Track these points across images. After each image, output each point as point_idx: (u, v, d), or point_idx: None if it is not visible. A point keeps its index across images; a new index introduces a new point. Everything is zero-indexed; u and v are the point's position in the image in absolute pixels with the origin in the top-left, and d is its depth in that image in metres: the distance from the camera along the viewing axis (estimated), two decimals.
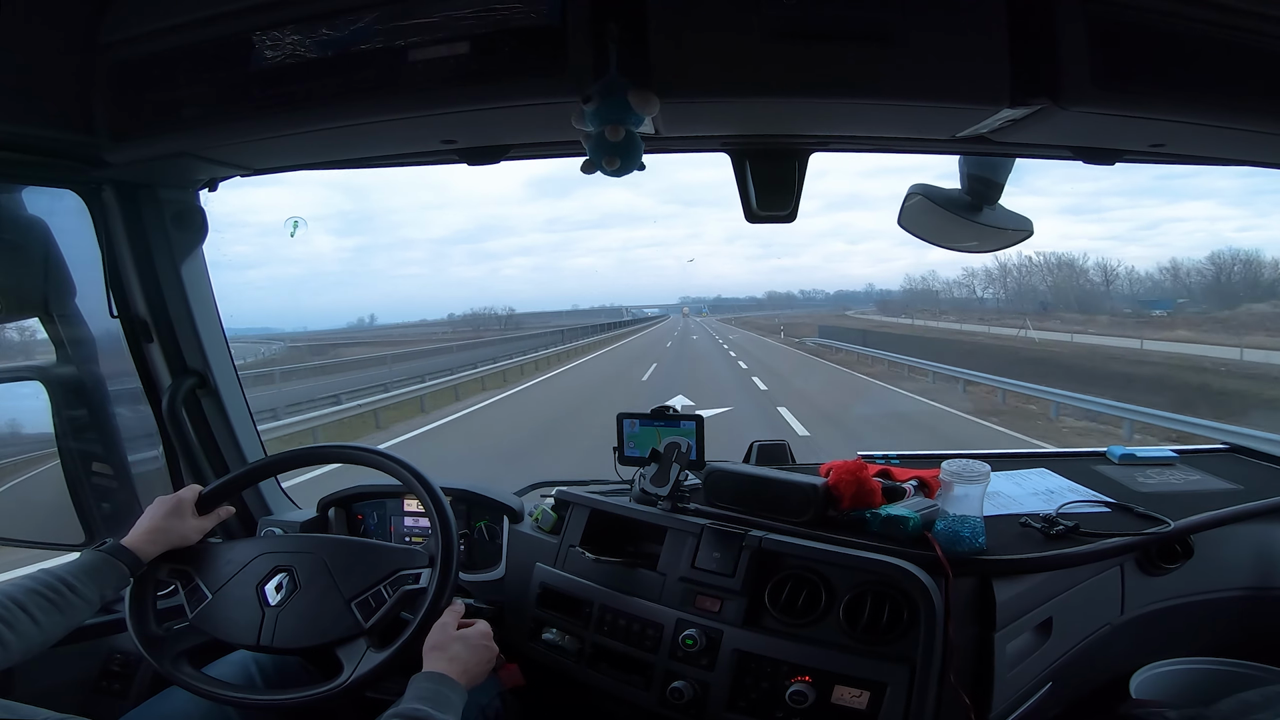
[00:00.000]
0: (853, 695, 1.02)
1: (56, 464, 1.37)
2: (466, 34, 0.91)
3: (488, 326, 68.05)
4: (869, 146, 1.25)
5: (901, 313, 53.32)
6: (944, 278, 75.94)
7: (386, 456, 1.13)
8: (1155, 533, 1.17)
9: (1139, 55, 0.89)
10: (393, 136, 1.12)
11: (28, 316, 1.30)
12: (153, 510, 1.10)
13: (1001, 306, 48.81)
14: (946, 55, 0.88)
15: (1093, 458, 1.58)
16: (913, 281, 69.07)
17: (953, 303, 58.26)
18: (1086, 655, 1.19)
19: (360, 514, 1.56)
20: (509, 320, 77.48)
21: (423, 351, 19.23)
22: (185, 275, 1.39)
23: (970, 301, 57.04)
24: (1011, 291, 53.17)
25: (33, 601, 0.92)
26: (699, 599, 1.17)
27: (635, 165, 0.92)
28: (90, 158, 1.12)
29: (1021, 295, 50.22)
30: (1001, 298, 53.37)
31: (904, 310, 56.68)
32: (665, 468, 1.28)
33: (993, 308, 48.69)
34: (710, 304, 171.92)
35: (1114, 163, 1.16)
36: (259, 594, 1.07)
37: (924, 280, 64.34)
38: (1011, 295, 52.31)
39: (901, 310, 56.97)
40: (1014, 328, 30.42)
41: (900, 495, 1.23)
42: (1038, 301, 43.56)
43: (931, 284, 65.95)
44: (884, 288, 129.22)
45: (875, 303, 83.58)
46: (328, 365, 17.20)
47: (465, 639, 1.00)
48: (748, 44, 0.88)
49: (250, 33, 0.98)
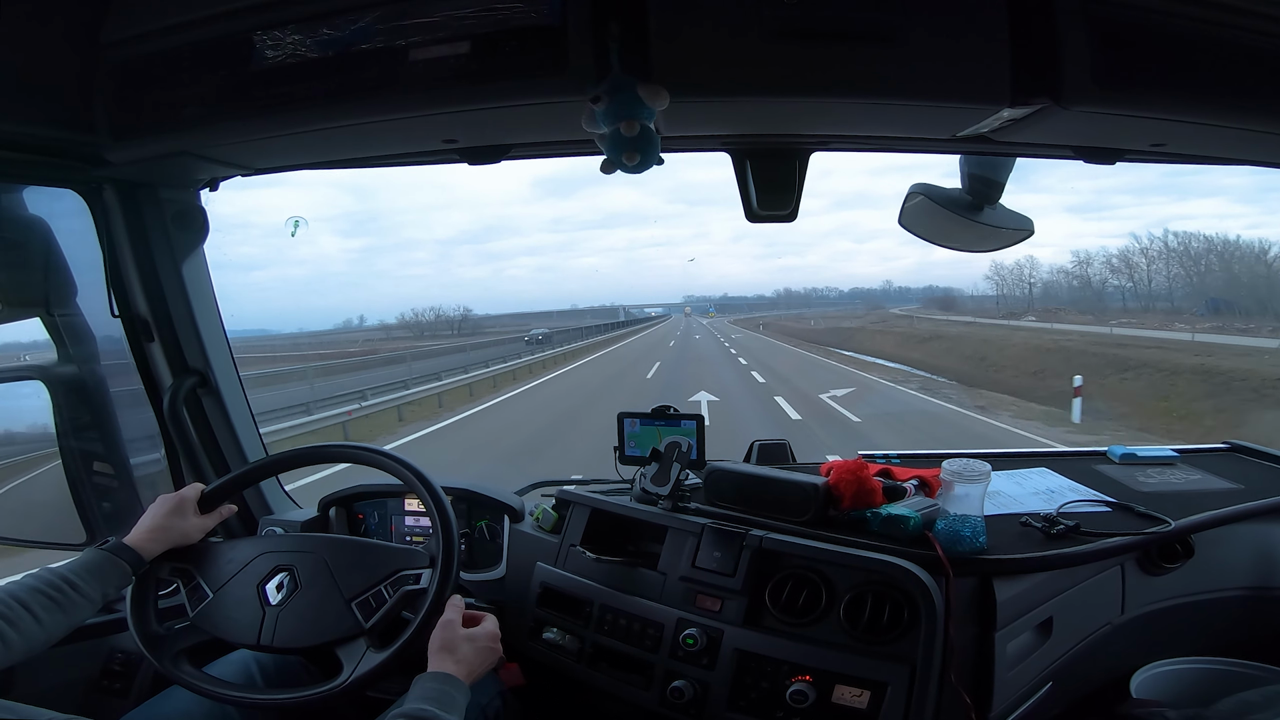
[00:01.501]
0: (853, 695, 1.02)
1: (58, 464, 1.37)
2: (467, 33, 0.91)
3: (439, 331, 58.41)
4: (869, 146, 1.24)
5: (980, 312, 42.31)
6: (1049, 265, 62.34)
7: (388, 456, 1.13)
8: (1156, 532, 1.17)
9: (1140, 55, 0.89)
10: (393, 136, 1.12)
11: (29, 316, 1.30)
12: (155, 509, 1.10)
13: (1137, 304, 36.52)
14: (947, 55, 0.88)
15: (1093, 457, 1.58)
16: (1000, 272, 51.09)
17: (1067, 298, 42.50)
18: (1087, 655, 1.19)
19: (361, 513, 1.56)
20: (463, 324, 64.26)
21: (283, 373, 12.60)
22: (186, 274, 1.39)
23: (1086, 296, 41.41)
24: (1145, 282, 39.05)
25: (35, 600, 0.92)
26: (699, 598, 1.17)
27: (654, 159, 0.92)
28: (91, 157, 1.12)
29: (1173, 290, 36.85)
30: (1128, 289, 39.84)
31: (978, 309, 45.29)
32: (666, 467, 1.28)
33: (1136, 308, 35.48)
34: (717, 303, 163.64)
35: (1114, 162, 1.16)
36: (260, 593, 1.07)
37: (1018, 269, 48.93)
38: (1150, 287, 38.43)
39: (980, 309, 45.40)
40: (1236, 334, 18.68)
41: (901, 495, 1.23)
42: (1205, 299, 30.68)
43: (1024, 275, 49.43)
44: (902, 285, 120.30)
45: (921, 299, 72.92)
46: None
47: (474, 640, 1.00)
48: (748, 44, 0.88)
49: (251, 32, 0.98)
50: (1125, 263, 40.62)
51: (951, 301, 57.46)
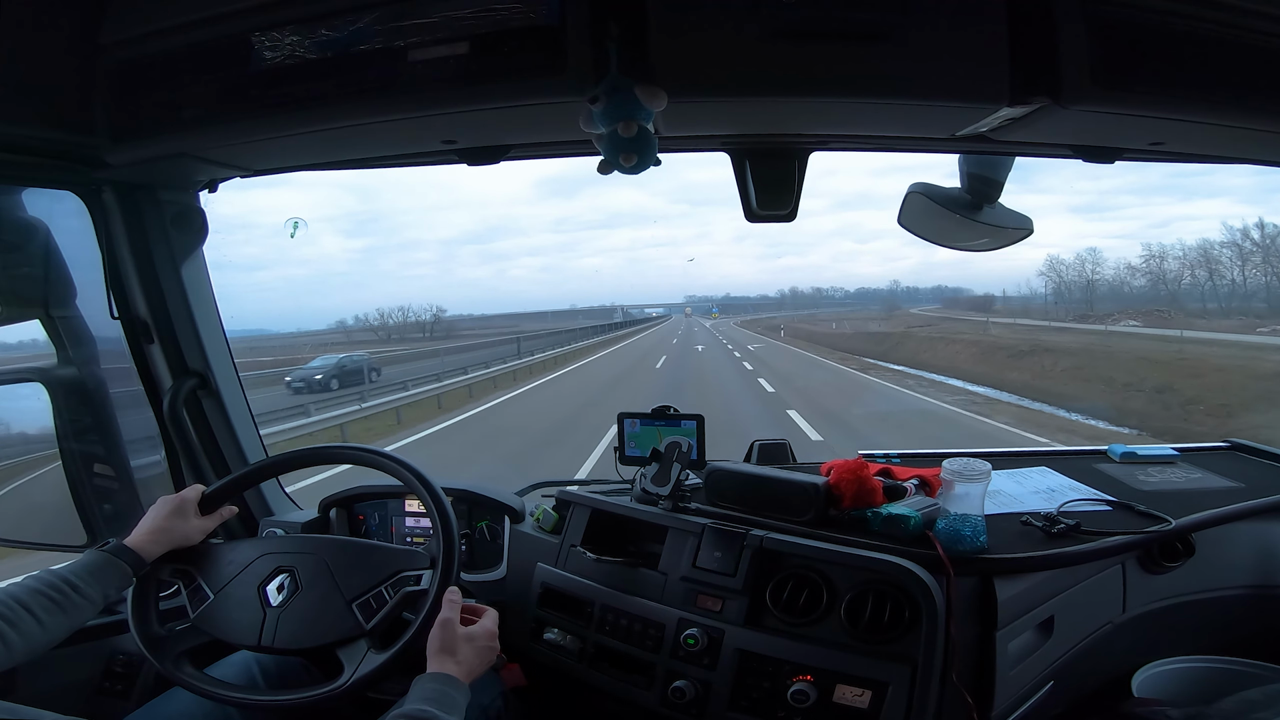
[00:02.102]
0: (854, 694, 1.02)
1: (58, 465, 1.37)
2: (466, 34, 0.91)
3: (407, 334, 52.12)
4: (868, 145, 1.24)
5: (1031, 313, 36.97)
6: (1115, 260, 53.33)
7: (388, 457, 1.13)
8: (1156, 531, 1.17)
9: (1138, 54, 0.89)
10: (392, 137, 1.12)
11: (28, 318, 1.30)
12: (156, 510, 1.10)
13: (1229, 304, 31.29)
14: (946, 54, 0.88)
15: (1094, 456, 1.58)
16: (1056, 267, 43.69)
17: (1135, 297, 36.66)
18: (1088, 654, 1.19)
19: (361, 514, 1.56)
20: (435, 326, 57.39)
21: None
22: (186, 276, 1.39)
23: (1160, 295, 35.48)
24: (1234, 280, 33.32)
25: (36, 601, 0.92)
26: (700, 598, 1.17)
27: (651, 160, 0.92)
28: (90, 159, 1.12)
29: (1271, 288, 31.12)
30: (1207, 286, 34.22)
31: (1021, 309, 39.47)
32: (666, 467, 1.28)
33: (1227, 308, 30.29)
34: (719, 303, 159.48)
35: (1113, 161, 1.16)
36: (260, 594, 1.07)
37: (1080, 263, 43.15)
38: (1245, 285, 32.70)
39: (1024, 310, 39.62)
40: None
41: (901, 494, 1.23)
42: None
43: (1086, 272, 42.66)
44: (910, 285, 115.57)
45: (942, 300, 68.11)
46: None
47: (473, 640, 1.00)
48: (747, 43, 0.88)
49: (250, 33, 0.98)
50: (1205, 257, 35.20)
51: (988, 302, 50.95)
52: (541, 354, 20.97)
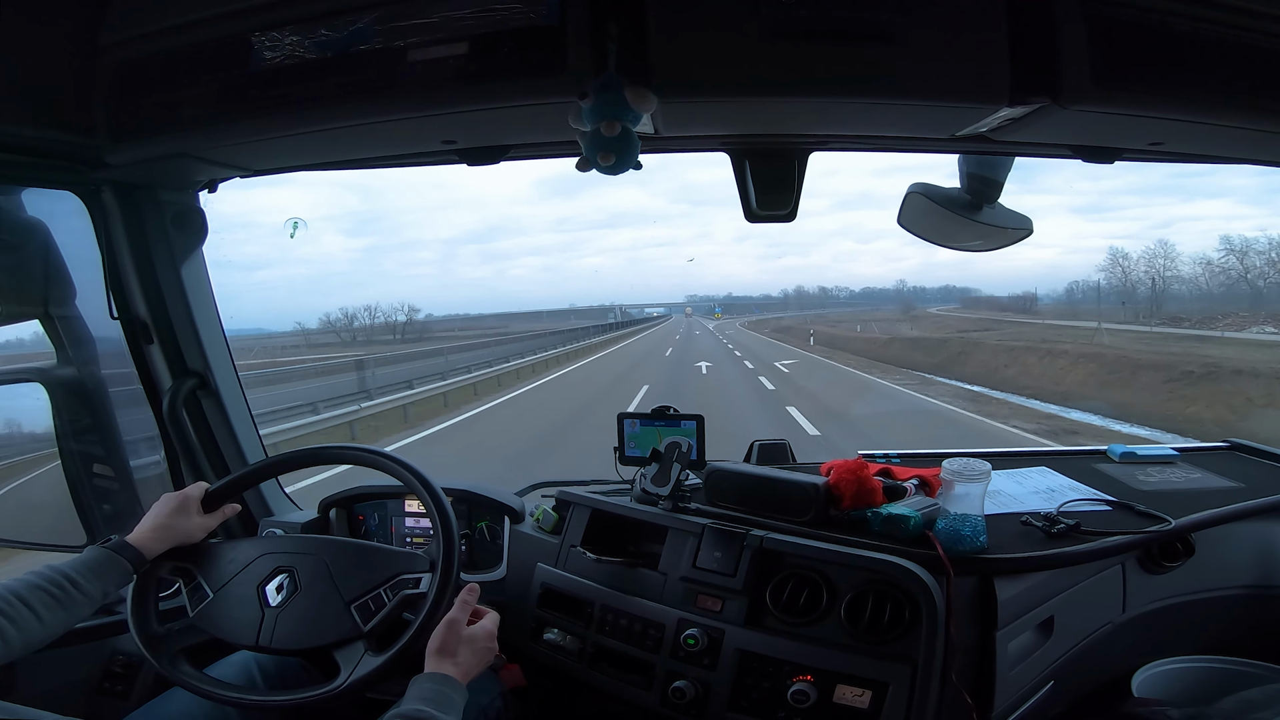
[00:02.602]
0: (854, 694, 1.02)
1: (57, 465, 1.37)
2: (466, 34, 0.91)
3: (376, 336, 49.01)
4: (868, 146, 1.24)
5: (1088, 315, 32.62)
6: (1189, 256, 44.66)
7: (389, 457, 1.13)
8: (1156, 531, 1.17)
9: (1138, 54, 0.89)
10: (392, 137, 1.12)
11: (28, 318, 1.30)
12: (158, 507, 1.10)
13: None
14: (946, 54, 0.88)
15: (1093, 456, 1.58)
16: (1118, 261, 39.50)
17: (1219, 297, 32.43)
18: (1088, 654, 1.19)
19: (361, 515, 1.56)
20: (407, 328, 53.89)
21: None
22: (185, 276, 1.39)
23: (1242, 294, 31.59)
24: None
25: (35, 596, 0.92)
26: (700, 599, 1.17)
27: (631, 163, 0.92)
28: (90, 159, 1.12)
29: None
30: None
31: (1069, 311, 36.52)
32: (666, 467, 1.27)
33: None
34: (721, 302, 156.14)
35: (1113, 161, 1.16)
36: (260, 594, 1.07)
37: (1149, 258, 38.00)
38: None
39: (1074, 311, 36.54)
40: None
41: (901, 494, 1.23)
42: None
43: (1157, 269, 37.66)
44: (916, 284, 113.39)
45: (960, 300, 63.73)
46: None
47: (472, 642, 0.99)
48: (747, 44, 0.88)
49: (249, 34, 0.98)
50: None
51: (1029, 301, 47.64)
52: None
